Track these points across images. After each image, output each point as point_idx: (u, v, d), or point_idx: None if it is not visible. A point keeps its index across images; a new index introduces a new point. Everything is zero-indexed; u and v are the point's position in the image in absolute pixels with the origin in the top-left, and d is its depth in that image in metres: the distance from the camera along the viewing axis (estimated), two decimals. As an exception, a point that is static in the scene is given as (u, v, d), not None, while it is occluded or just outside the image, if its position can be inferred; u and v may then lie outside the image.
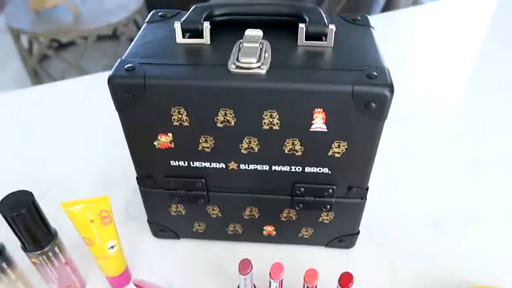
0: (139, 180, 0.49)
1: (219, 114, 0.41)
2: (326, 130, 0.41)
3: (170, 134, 0.43)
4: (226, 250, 0.55)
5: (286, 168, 0.45)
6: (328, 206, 0.48)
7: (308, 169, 0.45)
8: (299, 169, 0.45)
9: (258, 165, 0.45)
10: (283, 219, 0.51)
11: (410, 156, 0.69)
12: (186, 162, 0.46)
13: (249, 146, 0.43)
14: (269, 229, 0.53)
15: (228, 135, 0.43)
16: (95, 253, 0.46)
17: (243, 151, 0.44)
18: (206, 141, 0.44)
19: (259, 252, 0.54)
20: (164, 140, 0.44)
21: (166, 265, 0.53)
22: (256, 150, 0.44)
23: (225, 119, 0.41)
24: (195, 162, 0.46)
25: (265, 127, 0.41)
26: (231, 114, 0.41)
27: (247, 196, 0.49)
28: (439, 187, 0.63)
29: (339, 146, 0.42)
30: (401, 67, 0.93)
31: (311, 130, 0.41)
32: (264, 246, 0.55)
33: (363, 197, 0.48)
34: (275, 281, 0.42)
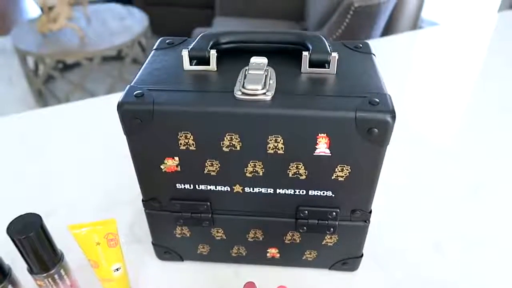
0: (145, 203, 0.50)
1: (225, 139, 0.42)
2: (330, 155, 0.42)
3: (177, 158, 0.44)
4: (230, 273, 0.55)
5: (290, 191, 0.46)
6: (332, 229, 0.48)
7: (312, 193, 0.46)
8: (303, 192, 0.46)
9: (263, 188, 0.46)
10: (287, 242, 0.51)
11: (412, 180, 0.70)
12: (192, 185, 0.47)
13: (254, 170, 0.44)
14: (273, 252, 0.53)
15: (234, 159, 0.44)
16: (100, 276, 0.47)
17: (248, 175, 0.45)
18: (212, 165, 0.44)
19: (263, 275, 0.54)
20: (171, 164, 0.45)
21: (170, 287, 0.54)
22: (261, 174, 0.45)
23: (231, 144, 0.42)
24: (201, 185, 0.47)
25: (270, 151, 0.42)
26: (237, 139, 0.42)
27: (252, 219, 0.50)
28: (442, 211, 0.64)
29: (343, 170, 0.43)
30: (402, 91, 0.95)
31: (315, 155, 0.42)
32: (268, 269, 0.55)
33: (367, 220, 0.48)
34: (280, 305, 0.42)
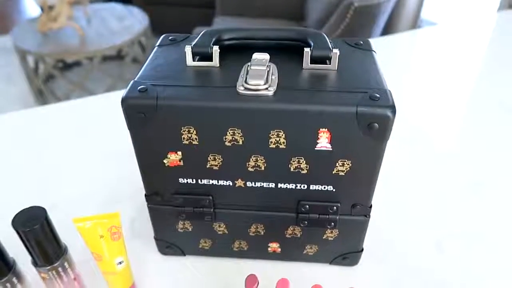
0: (148, 197, 0.50)
1: (228, 134, 0.43)
2: (331, 149, 0.43)
3: (180, 153, 0.45)
4: (231, 267, 0.55)
5: (292, 186, 0.47)
6: (333, 223, 0.49)
7: (313, 187, 0.46)
8: (304, 187, 0.46)
9: (265, 183, 0.47)
10: (288, 236, 0.52)
11: (412, 176, 0.70)
12: (194, 180, 0.47)
13: (256, 164, 0.45)
14: (274, 246, 0.54)
15: (236, 154, 0.44)
16: (103, 269, 0.47)
17: (250, 169, 0.45)
18: (215, 159, 0.45)
19: (264, 269, 0.55)
20: (174, 158, 0.46)
21: (172, 282, 0.54)
22: (263, 168, 0.45)
23: (233, 138, 0.43)
24: (203, 180, 0.47)
25: (272, 146, 0.43)
26: (239, 134, 0.42)
27: (253, 213, 0.50)
28: (442, 208, 0.64)
29: (343, 165, 0.44)
30: (401, 90, 0.96)
31: (316, 149, 0.43)
32: (269, 263, 0.55)
33: (367, 215, 0.49)
34: (281, 297, 0.43)
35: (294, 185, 0.46)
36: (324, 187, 0.46)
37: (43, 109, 0.92)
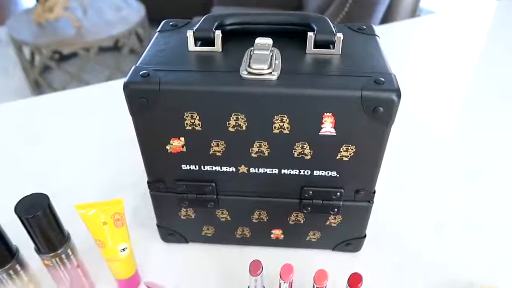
0: (150, 184, 0.50)
1: (231, 119, 0.42)
2: (335, 134, 0.42)
3: (183, 138, 0.45)
4: (234, 254, 0.55)
5: (295, 172, 0.46)
6: (336, 209, 0.49)
7: (317, 173, 0.46)
8: (308, 173, 0.46)
9: (268, 169, 0.46)
10: (291, 223, 0.52)
11: (413, 164, 0.70)
12: (197, 166, 0.47)
13: (260, 150, 0.45)
14: (277, 233, 0.54)
15: (239, 139, 0.44)
16: (107, 255, 0.47)
17: (254, 155, 0.45)
18: (218, 145, 0.45)
19: (267, 256, 0.54)
20: (177, 144, 0.45)
21: (175, 269, 0.54)
22: (266, 154, 0.45)
23: (237, 124, 0.43)
24: (206, 166, 0.47)
25: (276, 131, 0.43)
26: (243, 119, 0.42)
27: (256, 200, 0.50)
28: (442, 194, 0.65)
29: (347, 150, 0.44)
30: (401, 78, 0.95)
31: (320, 134, 0.42)
32: (272, 250, 0.56)
33: (370, 200, 0.49)
34: (285, 282, 0.43)
35: (298, 171, 0.46)
36: (328, 173, 0.46)
37: (42, 99, 0.91)
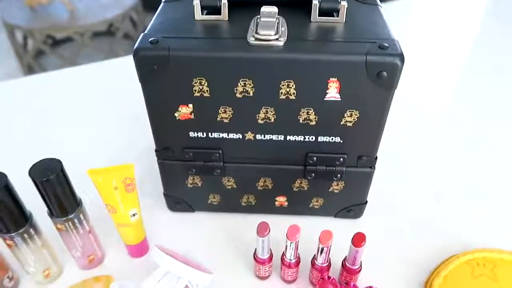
0: (158, 152, 0.51)
1: (239, 85, 0.43)
2: (340, 99, 0.44)
3: (191, 105, 0.46)
4: (239, 221, 0.57)
5: (300, 138, 0.48)
6: (339, 175, 0.51)
7: (321, 139, 0.48)
8: (313, 139, 0.48)
9: (274, 135, 0.48)
10: (295, 190, 0.54)
11: (414, 134, 0.73)
12: (205, 133, 0.48)
13: (266, 116, 0.46)
14: (281, 200, 0.55)
15: (247, 106, 0.45)
16: (118, 221, 0.48)
17: (260, 121, 0.46)
18: (225, 112, 0.46)
19: (271, 223, 0.56)
20: (185, 111, 0.46)
21: (183, 237, 0.56)
22: (273, 120, 0.46)
23: (244, 90, 0.44)
24: (213, 133, 0.48)
25: (282, 97, 0.44)
26: (250, 85, 0.43)
27: (262, 167, 0.51)
28: (442, 163, 0.67)
29: (351, 115, 0.45)
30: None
31: (325, 100, 0.44)
32: (276, 217, 0.57)
33: (372, 166, 0.51)
34: (292, 242, 0.45)
35: (303, 137, 0.48)
36: (332, 139, 0.48)
37: (51, 75, 0.92)
